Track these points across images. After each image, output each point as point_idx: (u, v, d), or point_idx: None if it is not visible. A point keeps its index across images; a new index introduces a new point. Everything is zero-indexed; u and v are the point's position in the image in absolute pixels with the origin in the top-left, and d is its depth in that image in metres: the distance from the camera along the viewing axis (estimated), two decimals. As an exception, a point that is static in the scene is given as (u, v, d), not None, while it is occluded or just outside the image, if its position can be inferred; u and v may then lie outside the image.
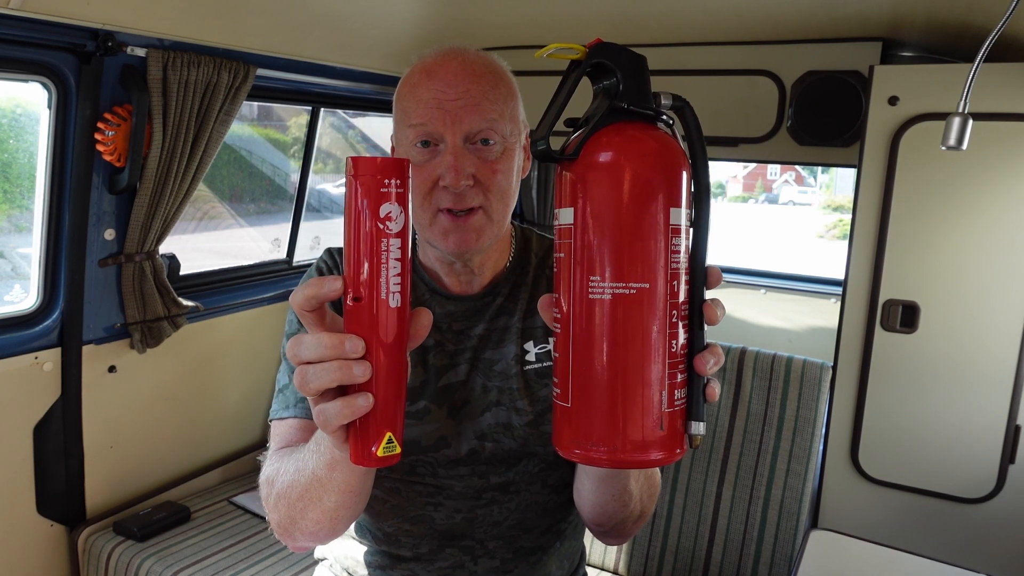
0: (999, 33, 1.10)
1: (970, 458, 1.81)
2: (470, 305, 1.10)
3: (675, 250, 0.66)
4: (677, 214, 0.67)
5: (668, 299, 0.66)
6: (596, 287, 0.66)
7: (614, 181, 0.67)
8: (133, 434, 2.19)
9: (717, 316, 0.70)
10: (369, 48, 2.37)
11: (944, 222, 1.79)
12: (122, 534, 2.02)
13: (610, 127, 0.69)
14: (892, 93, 1.81)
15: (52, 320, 1.94)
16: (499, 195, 1.01)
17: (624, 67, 0.69)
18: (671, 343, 0.66)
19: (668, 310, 0.66)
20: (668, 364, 0.66)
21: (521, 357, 1.08)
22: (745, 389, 1.83)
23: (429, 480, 1.06)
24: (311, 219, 2.90)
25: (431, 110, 0.97)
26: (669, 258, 0.66)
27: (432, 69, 0.99)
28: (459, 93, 0.97)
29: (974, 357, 1.79)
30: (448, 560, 1.09)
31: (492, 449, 1.05)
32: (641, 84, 0.70)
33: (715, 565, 1.81)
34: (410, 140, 0.99)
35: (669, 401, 0.67)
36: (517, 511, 1.09)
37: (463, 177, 0.96)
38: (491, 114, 0.98)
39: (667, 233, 0.66)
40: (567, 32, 2.29)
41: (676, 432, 0.68)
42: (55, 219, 1.91)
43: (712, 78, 2.31)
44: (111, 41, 1.77)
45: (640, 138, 0.68)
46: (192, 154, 2.02)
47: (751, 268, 3.53)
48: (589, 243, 0.67)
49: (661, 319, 0.66)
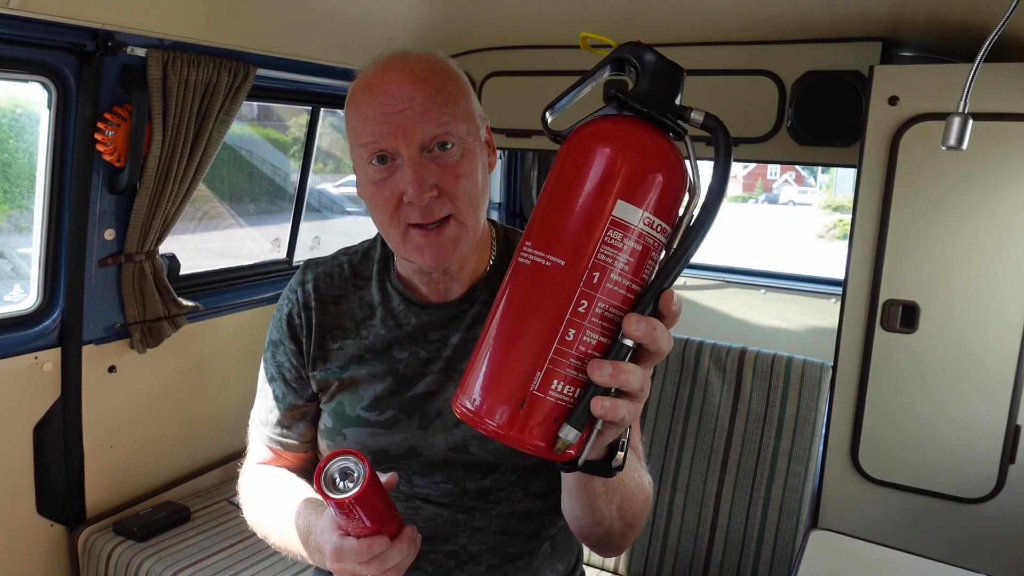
0: (999, 33, 1.10)
1: (970, 458, 1.81)
2: (447, 313, 1.07)
3: (610, 243, 0.64)
4: (628, 210, 0.64)
5: (583, 286, 0.63)
6: (525, 251, 0.67)
7: (573, 157, 0.67)
8: (133, 434, 2.19)
9: (648, 335, 0.63)
10: (369, 48, 2.35)
11: (944, 222, 1.79)
12: (122, 534, 2.02)
13: (608, 117, 0.68)
14: (892, 93, 1.81)
15: (52, 320, 1.94)
16: (467, 200, 0.96)
17: (645, 66, 0.68)
18: (568, 330, 0.63)
19: (578, 297, 0.63)
20: (556, 349, 0.64)
21: None
22: (745, 389, 1.83)
23: (404, 488, 1.07)
24: (311, 219, 2.90)
25: (380, 126, 0.93)
26: (598, 247, 0.64)
27: (373, 83, 0.95)
28: (405, 103, 0.93)
29: (974, 357, 1.79)
30: (433, 565, 1.08)
31: (466, 460, 1.04)
32: (660, 89, 0.68)
33: (715, 565, 1.81)
34: (365, 159, 0.96)
35: (543, 386, 0.64)
36: (500, 518, 1.07)
37: (426, 189, 0.92)
38: (442, 118, 0.94)
39: (603, 222, 0.64)
40: (567, 32, 2.29)
41: (539, 422, 0.64)
42: (55, 219, 1.91)
43: (712, 78, 2.30)
44: (111, 41, 1.77)
45: (622, 127, 0.67)
46: (192, 154, 2.02)
47: (751, 268, 3.53)
48: (536, 211, 0.68)
49: (563, 301, 0.63)
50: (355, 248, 1.17)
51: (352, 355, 1.08)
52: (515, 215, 3.98)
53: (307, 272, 1.14)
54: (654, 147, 0.66)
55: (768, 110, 2.24)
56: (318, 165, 3.76)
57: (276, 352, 1.13)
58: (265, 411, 1.16)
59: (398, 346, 1.07)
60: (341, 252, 1.17)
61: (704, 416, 1.86)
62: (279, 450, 1.17)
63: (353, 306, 1.11)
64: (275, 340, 1.14)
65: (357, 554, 0.85)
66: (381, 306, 1.09)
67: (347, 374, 1.08)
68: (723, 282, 3.34)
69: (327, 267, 1.14)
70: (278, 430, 1.15)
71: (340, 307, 1.11)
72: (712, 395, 1.85)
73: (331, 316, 1.10)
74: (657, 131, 0.68)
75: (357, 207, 7.65)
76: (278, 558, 1.97)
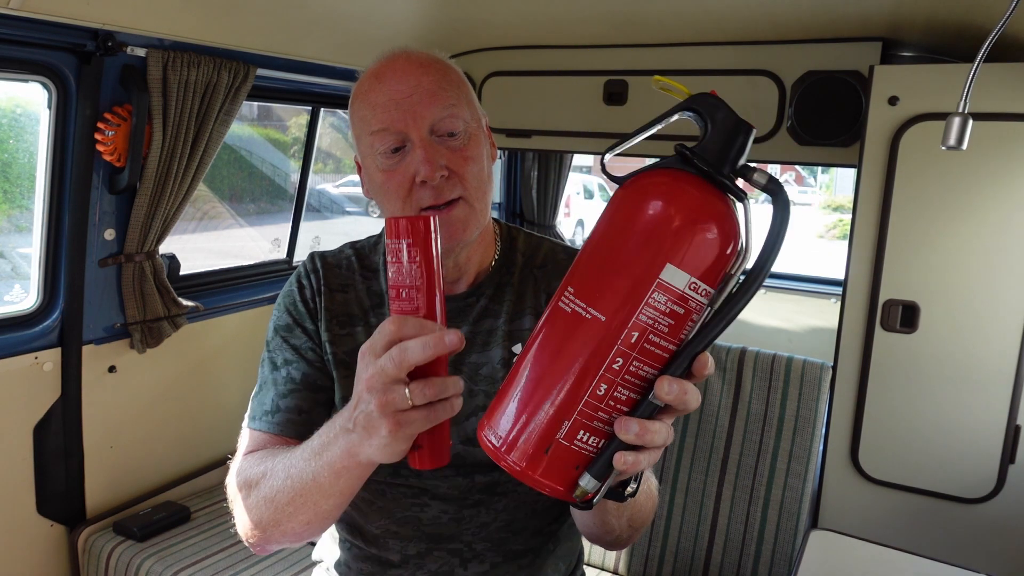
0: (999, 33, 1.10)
1: (970, 458, 1.81)
2: (454, 306, 1.09)
3: (653, 306, 0.63)
4: (676, 275, 0.63)
5: (620, 345, 0.63)
6: (567, 298, 0.67)
7: (626, 209, 0.66)
8: (133, 434, 2.19)
9: (678, 399, 0.64)
10: (369, 48, 2.37)
11: (944, 222, 1.79)
12: (122, 534, 2.02)
13: (668, 170, 0.67)
14: (892, 93, 1.81)
15: (52, 320, 1.94)
16: (476, 182, 1.00)
17: (715, 122, 0.67)
18: (600, 385, 0.64)
19: (615, 354, 0.63)
20: (586, 402, 0.64)
21: (508, 360, 1.06)
22: (745, 389, 1.83)
23: (413, 481, 1.06)
24: (311, 219, 2.90)
25: (389, 111, 0.97)
26: (640, 308, 0.63)
27: (380, 72, 0.99)
28: (412, 87, 0.97)
29: (974, 357, 1.79)
30: (436, 563, 1.08)
31: (477, 453, 1.04)
32: (726, 147, 0.66)
33: (715, 565, 1.81)
34: (376, 150, 0.98)
35: (569, 435, 0.65)
36: (505, 512, 1.07)
37: (437, 168, 0.96)
38: (448, 99, 0.98)
39: (648, 283, 0.63)
40: (567, 32, 2.29)
41: (561, 468, 0.65)
42: (55, 219, 1.91)
43: (712, 78, 2.30)
44: (111, 41, 1.77)
45: (680, 186, 0.65)
46: (192, 154, 2.02)
47: (751, 268, 3.53)
48: (582, 255, 0.68)
49: (600, 356, 0.63)
50: (361, 242, 1.18)
51: (361, 343, 1.07)
52: (515, 215, 3.98)
53: (315, 261, 1.14)
54: (711, 212, 0.64)
55: (768, 110, 2.24)
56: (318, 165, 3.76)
57: (290, 336, 1.10)
58: (271, 400, 1.08)
59: None
60: (347, 245, 1.18)
61: (704, 416, 1.86)
62: (288, 438, 1.05)
63: (361, 295, 1.11)
64: (286, 325, 1.10)
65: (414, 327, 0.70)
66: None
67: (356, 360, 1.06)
68: None
69: (334, 258, 1.15)
70: (289, 416, 1.06)
71: (347, 295, 1.11)
72: (712, 395, 1.85)
73: (339, 304, 1.11)
74: (717, 192, 0.66)
75: (357, 207, 7.64)
76: (278, 558, 1.96)
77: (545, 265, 1.14)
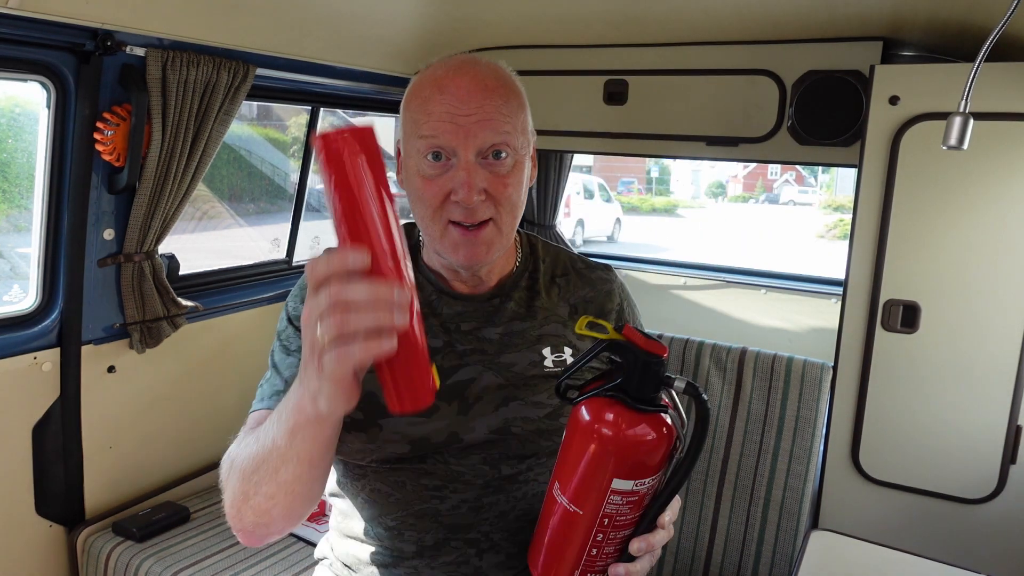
0: (1000, 33, 1.10)
1: (971, 458, 1.81)
2: (478, 306, 1.12)
3: (613, 503, 0.84)
4: (623, 483, 0.83)
5: (597, 527, 0.86)
6: (557, 491, 0.89)
7: (579, 440, 0.85)
8: (132, 434, 2.18)
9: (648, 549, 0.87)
10: (369, 48, 2.37)
11: (945, 222, 1.79)
12: (121, 534, 2.01)
13: (607, 399, 0.84)
14: (893, 93, 1.80)
15: (51, 320, 1.94)
16: (509, 208, 1.03)
17: (629, 364, 0.83)
18: (592, 549, 0.88)
19: (595, 532, 0.86)
20: (585, 560, 0.88)
21: (539, 362, 1.10)
22: (745, 389, 1.83)
23: (440, 468, 1.06)
24: (311, 219, 2.89)
25: (444, 124, 0.98)
26: (604, 505, 0.84)
27: (444, 83, 1.00)
28: (472, 109, 0.98)
29: (975, 357, 1.78)
30: (452, 554, 1.08)
31: (506, 441, 1.06)
32: (643, 378, 0.83)
33: (715, 565, 1.80)
34: (420, 151, 1.00)
35: None
36: (524, 500, 1.09)
37: (476, 192, 0.98)
38: (504, 127, 0.99)
39: (605, 493, 0.84)
40: (568, 32, 2.29)
41: None
42: (54, 219, 1.91)
43: (712, 78, 2.30)
44: (110, 40, 1.77)
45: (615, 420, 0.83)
46: (191, 154, 2.02)
47: (751, 268, 3.53)
48: (560, 457, 0.89)
49: (585, 534, 0.87)
50: None
51: None
52: (515, 215, 3.98)
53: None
54: (639, 437, 0.82)
55: (768, 110, 2.24)
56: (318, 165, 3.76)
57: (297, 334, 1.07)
58: (282, 381, 1.06)
59: (431, 334, 1.08)
60: None
61: (704, 416, 1.86)
62: None
63: None
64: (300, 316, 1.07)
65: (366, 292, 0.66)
66: None
67: None
68: (723, 282, 3.34)
69: None
70: None
71: None
72: (712, 395, 1.85)
73: None
74: (645, 415, 0.83)
75: (357, 207, 7.62)
76: (278, 558, 1.96)
77: (567, 274, 1.21)
